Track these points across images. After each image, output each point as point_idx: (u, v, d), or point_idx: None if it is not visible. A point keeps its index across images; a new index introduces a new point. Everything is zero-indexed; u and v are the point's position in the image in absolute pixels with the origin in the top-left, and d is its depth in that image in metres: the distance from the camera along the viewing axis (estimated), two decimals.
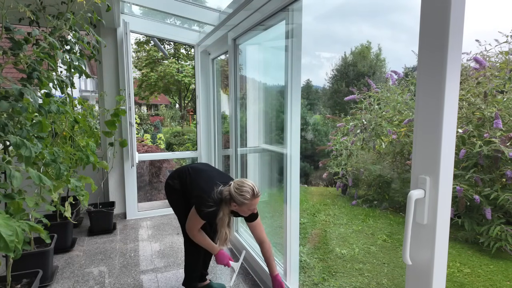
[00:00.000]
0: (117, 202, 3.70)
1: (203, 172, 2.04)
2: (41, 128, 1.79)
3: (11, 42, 1.65)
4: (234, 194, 1.77)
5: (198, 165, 2.12)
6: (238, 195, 1.75)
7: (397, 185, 4.23)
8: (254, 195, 1.77)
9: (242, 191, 1.76)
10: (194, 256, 2.12)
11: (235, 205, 1.79)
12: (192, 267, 2.13)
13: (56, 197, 2.13)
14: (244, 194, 1.75)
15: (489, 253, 2.96)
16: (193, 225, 1.90)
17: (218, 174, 2.05)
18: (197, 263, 2.14)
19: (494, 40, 3.31)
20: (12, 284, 1.91)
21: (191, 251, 2.11)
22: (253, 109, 3.20)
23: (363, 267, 2.97)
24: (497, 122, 2.80)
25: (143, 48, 15.40)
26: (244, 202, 1.76)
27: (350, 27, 20.25)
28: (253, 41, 2.74)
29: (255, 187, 1.79)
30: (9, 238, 1.22)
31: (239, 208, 1.80)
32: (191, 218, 1.90)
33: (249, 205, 1.78)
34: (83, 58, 2.17)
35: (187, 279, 2.15)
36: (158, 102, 20.88)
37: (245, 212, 1.84)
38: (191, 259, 2.13)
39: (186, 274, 2.15)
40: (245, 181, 1.81)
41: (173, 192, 2.07)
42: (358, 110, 4.83)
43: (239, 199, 1.75)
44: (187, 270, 2.14)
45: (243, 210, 1.81)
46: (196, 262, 2.13)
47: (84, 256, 2.80)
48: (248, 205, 1.78)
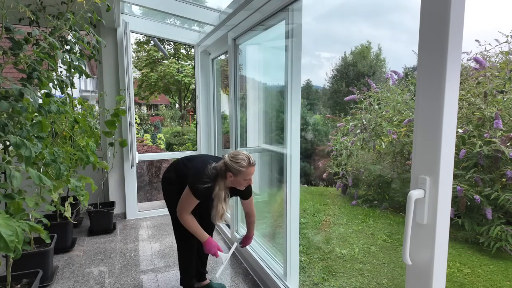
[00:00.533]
0: (117, 202, 3.70)
1: (198, 157, 2.07)
2: (41, 128, 1.79)
3: (11, 42, 1.65)
4: (229, 163, 1.75)
5: (192, 155, 2.14)
6: (234, 163, 1.74)
7: (397, 185, 4.23)
8: (250, 163, 1.76)
9: (237, 159, 1.75)
10: (187, 252, 2.09)
11: (230, 175, 1.77)
12: (186, 264, 2.11)
13: (56, 197, 2.13)
14: (240, 162, 1.74)
15: (489, 253, 2.96)
16: (185, 207, 1.83)
17: (212, 157, 2.07)
18: (191, 260, 2.10)
19: (494, 40, 3.31)
20: (12, 284, 1.91)
21: (184, 248, 2.08)
22: (253, 109, 3.20)
23: (363, 267, 2.97)
24: (497, 122, 2.80)
25: (143, 48, 15.40)
26: (240, 170, 1.73)
27: (350, 27, 20.25)
28: (253, 41, 2.74)
29: (251, 156, 1.79)
30: (9, 238, 1.22)
31: (235, 179, 1.77)
32: (184, 198, 1.83)
33: (245, 174, 1.76)
34: (83, 58, 2.17)
35: (184, 278, 2.12)
36: (158, 102, 20.88)
37: (241, 184, 1.80)
38: (184, 255, 2.10)
39: (182, 273, 2.13)
40: (240, 150, 1.81)
41: (169, 184, 2.02)
42: (358, 110, 4.83)
43: (235, 167, 1.73)
44: (182, 268, 2.12)
45: (239, 181, 1.78)
46: (190, 259, 2.10)
47: (84, 256, 2.80)
48: (244, 174, 1.75)
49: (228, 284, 2.36)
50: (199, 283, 2.28)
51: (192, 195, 1.79)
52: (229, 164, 1.76)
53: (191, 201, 1.81)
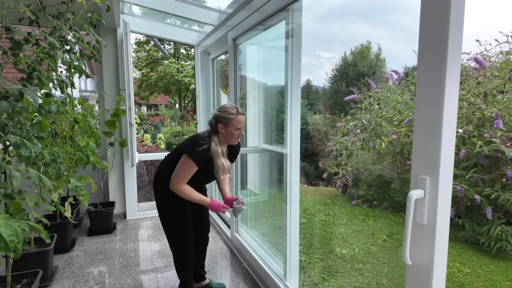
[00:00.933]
0: (117, 202, 3.70)
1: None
2: (41, 128, 1.79)
3: (11, 42, 1.65)
4: (218, 114, 1.82)
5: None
6: (223, 113, 1.81)
7: (397, 185, 4.22)
8: (238, 111, 1.82)
9: (226, 108, 1.82)
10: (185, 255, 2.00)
11: (222, 127, 1.81)
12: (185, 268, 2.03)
13: (56, 197, 2.13)
14: (228, 110, 1.81)
15: (489, 253, 2.96)
16: (182, 177, 1.77)
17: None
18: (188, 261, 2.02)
19: (494, 40, 3.30)
20: (12, 284, 1.91)
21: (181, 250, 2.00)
22: (253, 109, 3.20)
23: (363, 267, 2.97)
24: (498, 122, 2.80)
25: (143, 48, 15.41)
26: (230, 118, 1.79)
27: (349, 27, 20.26)
28: (253, 41, 2.74)
29: (238, 107, 1.85)
30: (9, 238, 1.22)
31: (227, 130, 1.81)
32: (181, 168, 1.77)
33: (236, 123, 1.80)
34: (83, 58, 2.17)
35: (183, 281, 2.06)
36: (158, 102, 20.88)
37: (233, 135, 1.83)
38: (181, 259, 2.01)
39: (180, 277, 2.06)
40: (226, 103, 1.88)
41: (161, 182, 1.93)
42: (358, 110, 4.83)
43: (225, 115, 1.80)
44: (181, 272, 2.05)
45: (231, 132, 1.82)
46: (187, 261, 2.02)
47: (84, 256, 2.80)
48: (234, 123, 1.80)
49: (228, 284, 2.36)
50: (199, 283, 2.26)
51: (191, 161, 1.75)
52: (218, 115, 1.82)
53: (189, 169, 1.77)
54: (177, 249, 2.01)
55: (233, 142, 1.89)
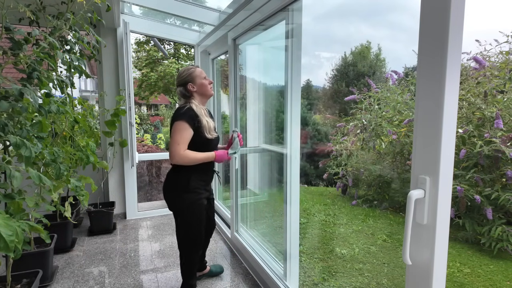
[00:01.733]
0: (117, 202, 3.70)
1: None
2: (41, 128, 1.79)
3: (11, 42, 1.65)
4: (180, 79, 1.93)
5: None
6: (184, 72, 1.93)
7: (397, 185, 4.22)
8: (194, 66, 1.98)
9: (184, 69, 1.95)
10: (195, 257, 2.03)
11: (191, 85, 1.92)
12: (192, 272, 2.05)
13: (56, 197, 2.13)
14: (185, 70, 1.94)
15: (489, 253, 2.96)
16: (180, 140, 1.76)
17: None
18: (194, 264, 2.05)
19: (494, 40, 3.30)
20: (12, 284, 1.91)
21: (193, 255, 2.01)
22: (253, 109, 3.20)
23: (363, 267, 2.97)
24: (498, 122, 2.80)
25: (143, 48, 15.40)
26: (191, 73, 1.92)
27: (349, 27, 20.28)
28: (253, 41, 2.74)
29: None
30: (9, 238, 1.22)
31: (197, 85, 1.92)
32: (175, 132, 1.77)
33: (198, 73, 1.94)
34: (83, 58, 2.17)
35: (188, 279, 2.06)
36: (158, 102, 20.88)
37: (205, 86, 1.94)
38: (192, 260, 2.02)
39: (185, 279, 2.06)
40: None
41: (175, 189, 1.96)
42: (358, 110, 4.83)
43: (187, 73, 1.92)
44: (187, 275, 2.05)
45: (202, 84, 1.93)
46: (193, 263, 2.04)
47: (84, 256, 2.80)
48: (197, 74, 1.93)
49: (228, 284, 2.36)
50: (201, 272, 2.38)
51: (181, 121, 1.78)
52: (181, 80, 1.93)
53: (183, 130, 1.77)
54: (188, 255, 2.02)
55: (209, 92, 1.97)
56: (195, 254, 2.03)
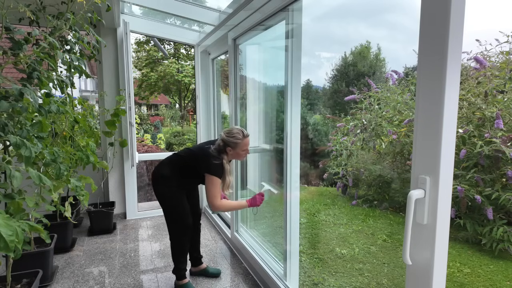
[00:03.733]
0: (117, 202, 3.70)
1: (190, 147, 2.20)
2: (41, 128, 1.79)
3: (11, 42, 1.65)
4: (226, 139, 1.96)
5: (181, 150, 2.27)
6: (231, 137, 1.96)
7: (397, 185, 4.22)
8: (244, 135, 1.98)
9: (233, 133, 1.96)
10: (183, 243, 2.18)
11: (230, 149, 1.98)
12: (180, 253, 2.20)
13: (56, 197, 2.13)
14: (235, 135, 1.96)
15: (489, 253, 2.96)
16: (216, 193, 1.96)
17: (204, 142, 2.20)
18: (185, 249, 2.20)
19: (494, 40, 3.30)
20: (12, 284, 1.91)
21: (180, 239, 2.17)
22: (253, 109, 3.20)
23: (363, 267, 2.97)
24: (498, 122, 2.80)
25: (143, 48, 15.40)
26: (237, 142, 1.95)
27: (348, 27, 20.31)
28: (253, 41, 2.74)
29: (244, 129, 1.99)
30: (9, 238, 1.22)
31: (234, 152, 1.98)
32: (210, 187, 1.96)
33: (242, 145, 1.98)
34: (83, 58, 2.17)
35: (176, 265, 2.22)
36: (158, 102, 20.88)
37: (240, 155, 2.02)
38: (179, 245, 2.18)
39: (175, 263, 2.22)
40: (233, 126, 2.04)
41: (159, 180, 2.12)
42: (358, 110, 4.83)
43: (232, 141, 1.95)
44: (177, 258, 2.20)
45: (238, 153, 2.00)
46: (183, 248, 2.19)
47: (84, 256, 2.80)
48: (241, 146, 1.97)
49: (228, 284, 2.36)
50: (196, 267, 2.43)
51: (217, 178, 1.95)
52: (226, 139, 1.97)
53: (218, 184, 1.97)
54: (176, 239, 2.17)
55: (240, 159, 2.10)
56: (183, 237, 2.17)
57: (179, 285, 2.24)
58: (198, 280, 2.40)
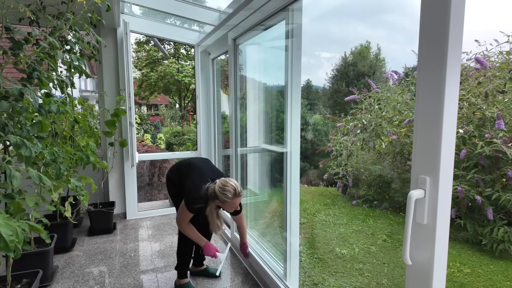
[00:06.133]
0: (117, 202, 3.70)
1: (198, 169, 2.15)
2: (41, 128, 1.79)
3: (11, 42, 1.65)
4: (217, 192, 1.93)
5: (196, 162, 2.23)
6: (221, 194, 1.91)
7: (397, 185, 4.22)
8: (235, 194, 1.92)
9: (225, 190, 1.92)
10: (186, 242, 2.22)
11: (218, 202, 1.97)
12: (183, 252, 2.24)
13: (56, 197, 2.13)
14: (226, 193, 1.91)
15: (489, 253, 2.96)
16: (183, 218, 2.03)
17: (212, 171, 2.17)
18: (189, 248, 2.24)
19: (493, 40, 3.30)
20: (12, 284, 1.91)
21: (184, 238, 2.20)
22: (253, 109, 3.20)
23: (363, 267, 2.97)
24: (499, 123, 2.80)
25: (143, 48, 15.40)
26: (226, 201, 1.92)
27: (347, 28, 20.35)
28: (253, 41, 2.74)
29: (238, 187, 1.94)
30: (9, 238, 1.22)
31: (223, 205, 1.97)
32: (181, 212, 2.02)
33: (231, 204, 1.94)
34: (83, 58, 2.17)
35: (179, 263, 2.26)
36: (158, 102, 20.88)
37: (228, 209, 2.01)
38: (183, 244, 2.23)
39: (178, 259, 2.26)
40: (229, 181, 1.96)
41: (172, 186, 2.23)
42: (358, 110, 4.83)
43: (222, 197, 1.92)
44: (179, 255, 2.25)
45: (226, 207, 1.99)
46: (188, 248, 2.23)
47: (84, 256, 2.80)
48: (230, 204, 1.94)
49: (228, 284, 2.36)
50: (196, 267, 2.46)
51: (187, 210, 1.99)
52: (217, 193, 1.93)
53: (187, 214, 2.01)
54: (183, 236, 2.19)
55: (228, 211, 2.09)
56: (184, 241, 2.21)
57: (180, 284, 2.25)
58: (198, 280, 2.40)
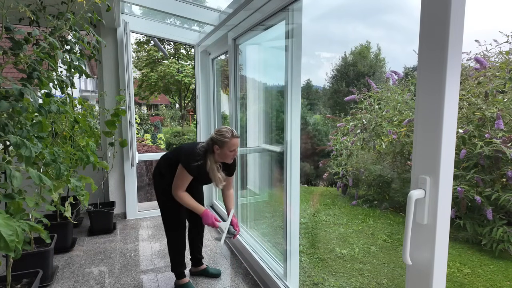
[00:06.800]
0: (117, 202, 3.70)
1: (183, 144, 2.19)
2: (41, 128, 1.79)
3: (11, 42, 1.65)
4: (215, 137, 1.95)
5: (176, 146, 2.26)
6: (219, 136, 1.93)
7: (397, 185, 4.23)
8: (233, 135, 1.94)
9: (221, 131, 1.95)
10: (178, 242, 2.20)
11: (217, 148, 1.95)
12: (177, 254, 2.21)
13: (56, 197, 2.13)
14: (224, 134, 1.93)
15: (489, 253, 2.96)
16: (180, 185, 1.97)
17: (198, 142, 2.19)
18: (180, 247, 2.22)
19: (493, 40, 3.30)
20: (12, 284, 1.91)
21: (173, 236, 2.19)
22: (253, 109, 3.20)
23: (363, 267, 2.97)
24: (499, 123, 2.80)
25: (143, 48, 15.40)
26: (225, 141, 1.92)
27: (346, 28, 20.37)
28: (253, 41, 2.74)
29: (234, 130, 1.97)
30: (9, 238, 1.22)
31: (222, 151, 1.94)
32: (178, 176, 1.97)
33: (230, 145, 1.93)
34: (83, 58, 2.17)
35: (173, 263, 2.24)
36: (158, 102, 20.89)
37: (227, 155, 1.96)
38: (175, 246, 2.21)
39: (171, 259, 2.24)
40: (223, 126, 2.00)
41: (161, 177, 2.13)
42: (358, 110, 4.83)
43: (220, 139, 1.92)
44: (171, 253, 2.23)
45: (226, 153, 1.95)
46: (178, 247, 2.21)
47: (84, 256, 2.80)
48: (229, 145, 1.93)
49: (228, 284, 2.36)
50: (196, 268, 2.44)
51: (186, 172, 1.94)
52: (214, 137, 1.95)
53: (186, 178, 1.96)
54: (171, 236, 2.20)
55: (227, 161, 2.03)
56: (177, 235, 2.18)
57: (179, 285, 2.24)
58: (198, 280, 2.40)
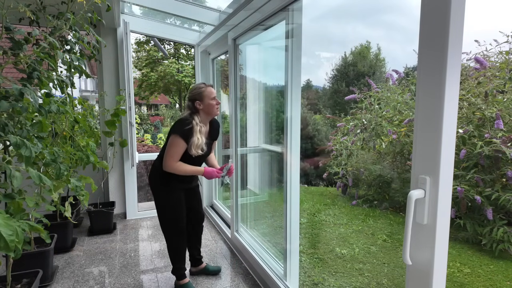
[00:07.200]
0: (117, 202, 3.70)
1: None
2: (41, 128, 1.79)
3: (11, 42, 1.65)
4: (191, 95, 2.02)
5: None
6: (194, 91, 2.01)
7: (397, 185, 4.22)
8: (206, 84, 2.04)
9: (194, 87, 2.04)
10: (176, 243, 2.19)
11: (199, 103, 2.00)
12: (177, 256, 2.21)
13: (56, 197, 2.13)
14: (196, 87, 2.02)
15: (489, 253, 2.96)
16: (174, 154, 1.95)
17: None
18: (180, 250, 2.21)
19: (493, 41, 3.30)
20: (12, 284, 1.91)
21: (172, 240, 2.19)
22: (253, 109, 3.20)
23: (363, 267, 2.97)
24: (498, 123, 2.80)
25: (143, 48, 15.41)
26: (201, 91, 1.99)
27: (346, 28, 20.39)
28: (253, 41, 2.74)
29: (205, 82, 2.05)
30: (9, 238, 1.22)
31: (204, 104, 2.00)
32: (170, 146, 1.95)
33: (208, 93, 2.00)
34: (83, 58, 2.17)
35: (174, 263, 2.24)
36: (158, 102, 20.89)
37: (212, 107, 2.01)
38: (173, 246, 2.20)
39: (173, 264, 2.24)
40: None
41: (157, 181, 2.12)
42: (358, 110, 4.83)
43: (196, 92, 2.00)
44: (173, 260, 2.23)
45: (209, 104, 2.00)
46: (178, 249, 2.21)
47: (84, 256, 2.80)
48: (207, 93, 2.00)
49: (228, 284, 2.36)
50: (196, 267, 2.45)
51: (180, 138, 1.93)
52: (191, 96, 2.02)
53: (179, 146, 1.94)
54: (170, 240, 2.20)
55: (215, 112, 2.06)
56: (176, 242, 2.19)
57: (179, 285, 2.24)
58: (198, 280, 2.40)
